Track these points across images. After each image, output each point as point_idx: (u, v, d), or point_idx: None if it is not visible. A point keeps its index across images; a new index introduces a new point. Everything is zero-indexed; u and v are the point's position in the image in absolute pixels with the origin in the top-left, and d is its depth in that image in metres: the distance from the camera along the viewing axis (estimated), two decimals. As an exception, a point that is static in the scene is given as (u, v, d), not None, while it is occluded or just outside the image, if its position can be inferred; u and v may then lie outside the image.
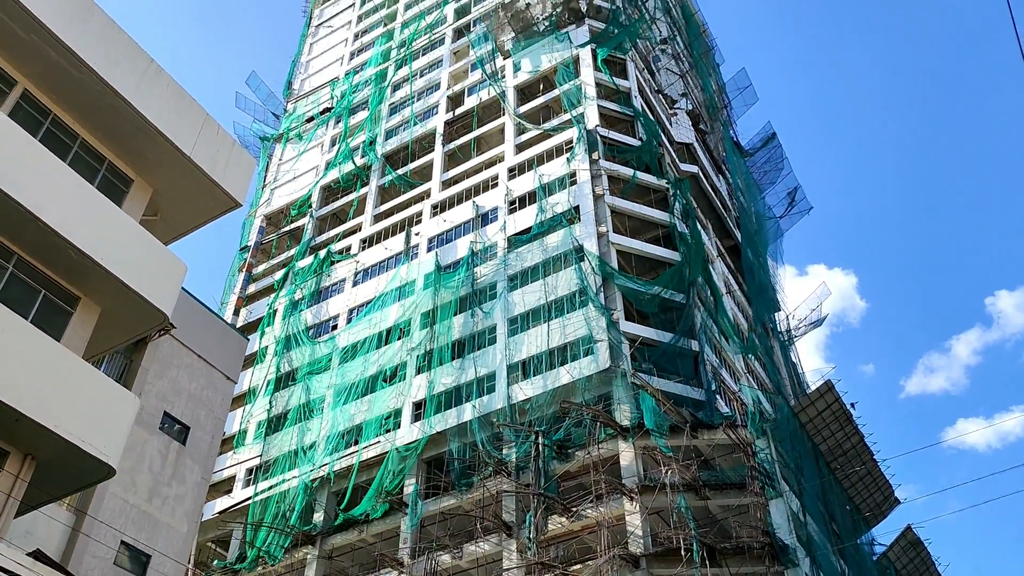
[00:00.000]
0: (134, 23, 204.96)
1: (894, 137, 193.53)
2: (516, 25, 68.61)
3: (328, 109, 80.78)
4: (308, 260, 65.36)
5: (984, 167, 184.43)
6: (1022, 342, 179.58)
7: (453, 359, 50.18)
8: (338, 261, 63.50)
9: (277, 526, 48.89)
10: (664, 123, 64.54)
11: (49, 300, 17.09)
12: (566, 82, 61.75)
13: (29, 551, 16.23)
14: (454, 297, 52.92)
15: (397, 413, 49.98)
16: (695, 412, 42.71)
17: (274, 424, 55.78)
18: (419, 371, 51.05)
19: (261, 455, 54.35)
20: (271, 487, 51.58)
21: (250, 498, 51.81)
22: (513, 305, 50.27)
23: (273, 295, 64.79)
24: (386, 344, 54.10)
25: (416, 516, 44.51)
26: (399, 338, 53.79)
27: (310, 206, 71.77)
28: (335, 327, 58.98)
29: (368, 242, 63.54)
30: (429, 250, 58.00)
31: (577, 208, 52.44)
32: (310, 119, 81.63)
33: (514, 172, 58.68)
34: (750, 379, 54.19)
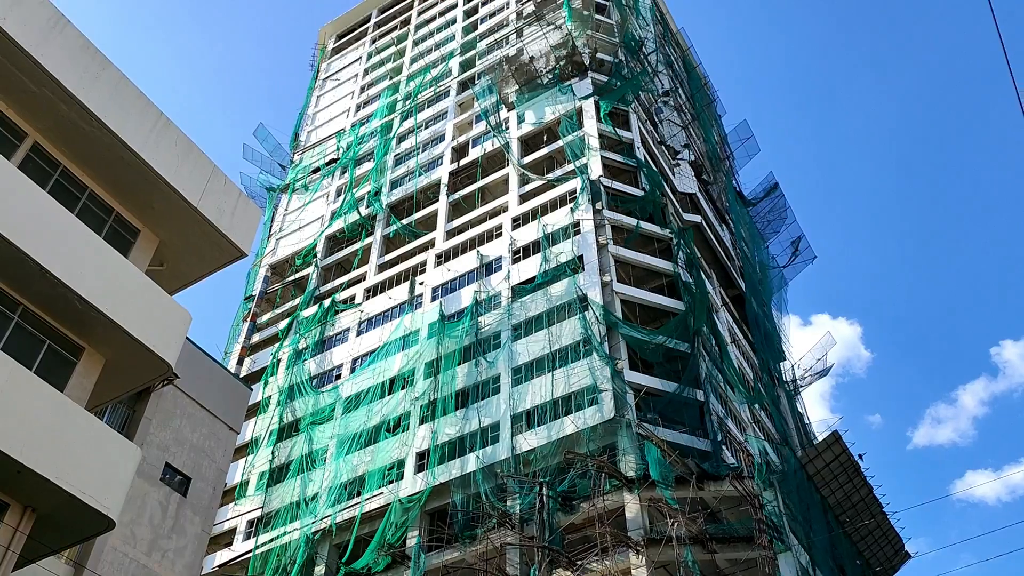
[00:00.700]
0: (144, 76, 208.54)
1: (897, 187, 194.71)
2: (520, 78, 69.62)
3: (334, 160, 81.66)
4: (312, 310, 65.45)
5: (989, 216, 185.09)
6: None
7: (457, 409, 49.90)
8: (342, 311, 63.57)
9: (278, 580, 48.17)
10: (667, 173, 65.06)
11: (53, 350, 17.12)
12: (569, 133, 62.42)
13: (26, 606, 15.99)
14: (458, 347, 52.83)
15: (400, 464, 49.55)
16: (701, 463, 42.26)
17: (276, 475, 55.30)
18: (423, 421, 50.75)
19: (262, 507, 53.78)
20: (272, 539, 50.92)
21: (251, 551, 51.12)
22: (517, 355, 50.13)
23: (277, 345, 64.74)
24: (390, 394, 53.86)
25: (419, 570, 43.80)
26: (403, 388, 53.57)
27: (315, 256, 72.13)
28: (339, 377, 58.80)
29: (372, 292, 63.69)
30: (433, 300, 58.08)
31: (581, 258, 52.60)
32: (316, 170, 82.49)
33: (518, 222, 59.02)
34: (756, 429, 53.73)
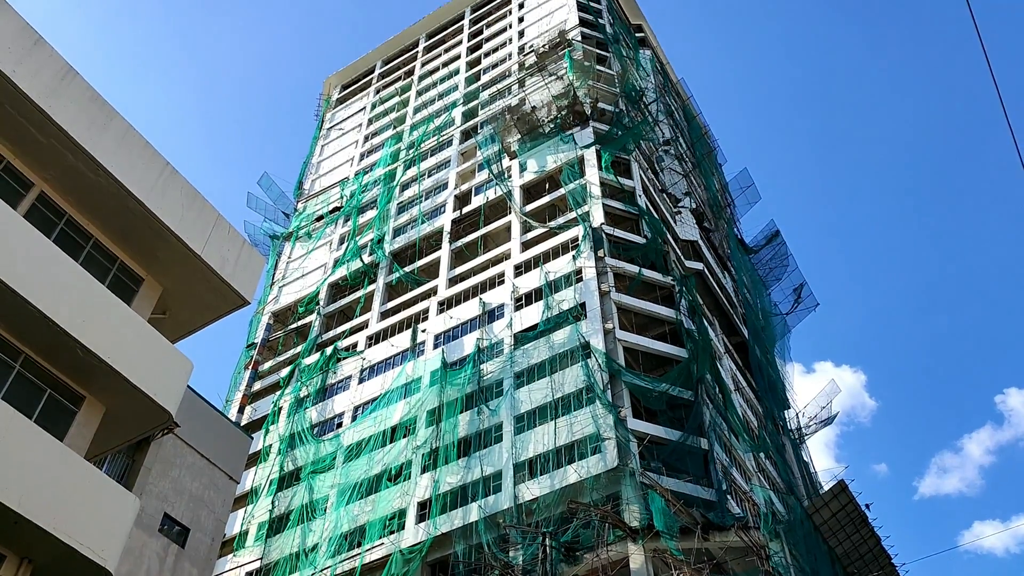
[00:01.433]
0: (151, 125, 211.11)
1: (900, 235, 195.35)
2: (522, 127, 70.39)
3: (337, 208, 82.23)
4: (314, 357, 65.28)
5: (992, 264, 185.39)
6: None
7: (459, 458, 49.46)
8: (344, 358, 63.41)
9: (276, 633, 47.28)
10: (668, 221, 65.37)
11: (54, 399, 17.05)
12: (571, 182, 62.86)
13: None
14: (460, 394, 52.56)
15: (401, 514, 48.96)
16: (706, 513, 41.71)
17: (276, 525, 54.62)
18: (424, 470, 50.28)
19: (262, 558, 53.00)
20: (271, 591, 50.11)
21: (249, 603, 50.29)
22: (520, 402, 49.84)
23: (278, 392, 64.47)
24: (391, 442, 53.45)
25: (420, 622, 43.05)
26: (404, 436, 53.17)
27: (318, 303, 72.20)
28: (340, 425, 58.42)
29: (374, 339, 63.60)
30: (435, 347, 57.95)
31: (583, 305, 52.60)
32: (319, 218, 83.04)
33: (520, 269, 59.16)
34: (761, 478, 53.15)
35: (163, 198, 19.23)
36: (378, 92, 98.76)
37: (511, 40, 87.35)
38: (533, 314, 54.53)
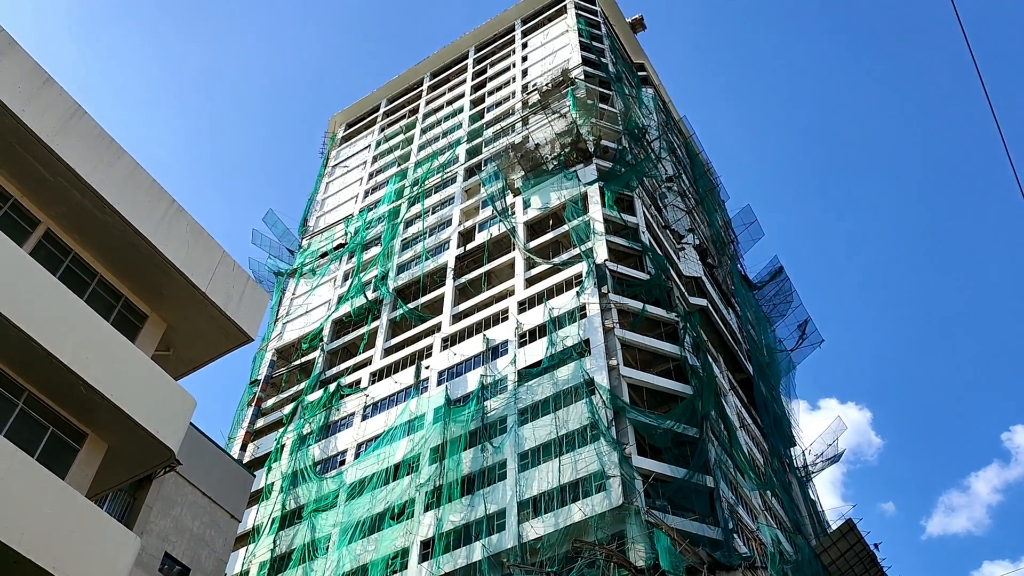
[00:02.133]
0: (158, 161, 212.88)
1: (904, 270, 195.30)
2: (526, 164, 70.84)
3: (342, 245, 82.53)
4: (318, 394, 65.06)
5: (998, 299, 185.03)
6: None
7: (462, 495, 49.03)
8: (348, 395, 63.19)
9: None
10: (672, 257, 65.45)
11: (56, 437, 16.98)
12: (575, 218, 63.08)
13: None
14: (464, 431, 52.24)
15: (404, 553, 48.41)
16: (712, 552, 41.19)
17: (277, 565, 53.99)
18: (427, 508, 49.81)
19: (263, 598, 52.36)
20: (272, 632, 49.40)
21: (249, 644, 49.56)
22: (524, 439, 49.51)
23: (281, 430, 64.16)
24: (394, 480, 53.04)
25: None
26: (408, 474, 52.78)
27: (321, 340, 72.13)
28: (343, 462, 58.04)
29: (378, 375, 63.42)
30: (439, 384, 57.74)
31: (587, 341, 52.47)
32: (324, 254, 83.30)
33: (524, 306, 59.13)
34: (768, 517, 52.57)
35: (168, 235, 19.32)
36: (383, 130, 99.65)
37: (515, 79, 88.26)
38: (537, 350, 54.39)
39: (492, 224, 70.04)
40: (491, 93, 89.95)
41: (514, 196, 70.75)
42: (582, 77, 78.20)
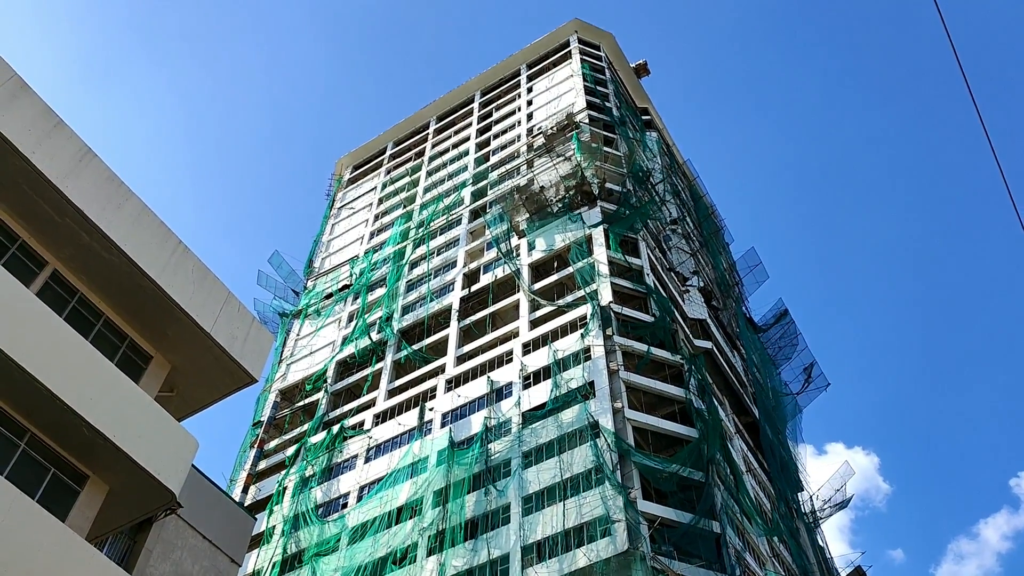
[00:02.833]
0: (164, 203, 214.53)
1: (909, 314, 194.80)
2: (531, 207, 71.23)
3: (347, 286, 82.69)
4: (321, 436, 64.70)
5: (1003, 342, 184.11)
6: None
7: (466, 540, 48.45)
8: (351, 437, 62.80)
9: None
10: (677, 300, 65.41)
11: (57, 478, 16.87)
12: (579, 260, 63.21)
13: None
14: (467, 474, 51.79)
15: (406, 598, 47.70)
16: (719, 599, 40.53)
17: (278, 610, 53.24)
18: (430, 552, 49.17)
19: (262, 644, 51.54)
20: None
21: None
22: (528, 483, 49.06)
23: (284, 472, 63.68)
24: (397, 523, 52.46)
25: None
26: (411, 517, 52.22)
27: (325, 381, 71.91)
28: (345, 505, 57.48)
29: (382, 417, 63.10)
30: (443, 426, 57.40)
31: (592, 384, 52.22)
32: (329, 295, 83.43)
33: (528, 348, 59.00)
34: (776, 564, 51.78)
35: (175, 276, 19.39)
36: (389, 172, 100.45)
37: (520, 122, 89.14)
38: (541, 393, 54.13)
39: (497, 266, 70.20)
40: (496, 136, 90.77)
41: (519, 238, 71.02)
42: (586, 121, 78.95)
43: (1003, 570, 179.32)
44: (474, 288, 70.17)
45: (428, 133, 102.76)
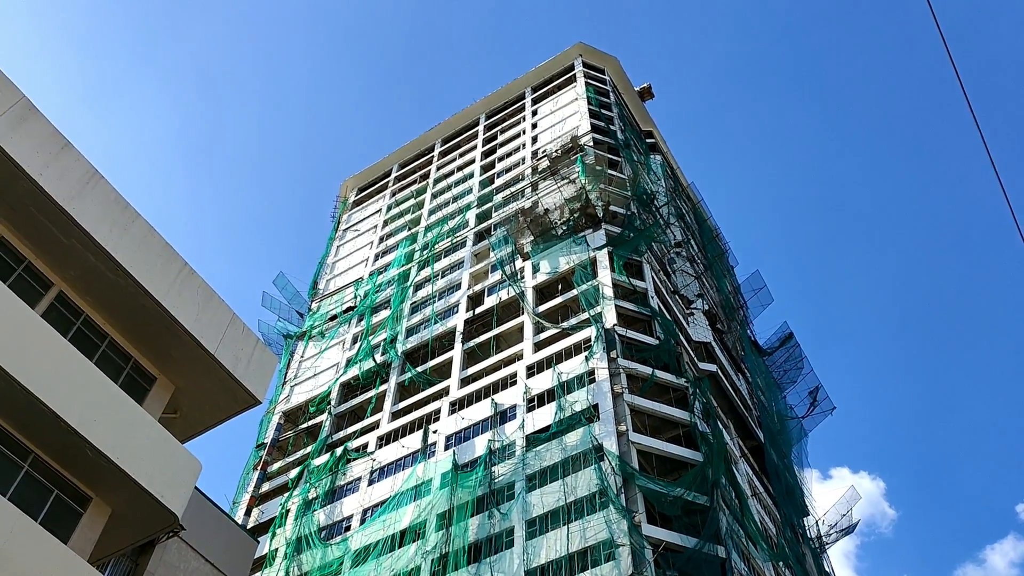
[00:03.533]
0: (170, 224, 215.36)
1: (915, 338, 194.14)
2: (535, 229, 71.38)
3: (351, 308, 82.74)
4: (324, 458, 64.46)
5: (1008, 365, 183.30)
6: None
7: (469, 564, 48.08)
8: (354, 459, 62.57)
9: None
10: (681, 322, 65.31)
11: (60, 500, 16.83)
12: (583, 283, 63.21)
13: None
14: (471, 497, 51.52)
15: (409, 623, 47.30)
16: (725, 625, 40.12)
17: (279, 634, 52.81)
18: (433, 576, 48.82)
19: (263, 669, 51.08)
20: None
21: None
22: (531, 506, 48.77)
23: (287, 494, 63.41)
24: (400, 547, 52.12)
25: None
26: (414, 540, 51.89)
27: (329, 403, 71.78)
28: (348, 528, 57.16)
29: (385, 440, 62.89)
30: (446, 448, 57.19)
31: (596, 406, 52.04)
32: (333, 317, 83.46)
33: (532, 370, 58.88)
34: (782, 589, 51.28)
35: (180, 298, 19.44)
36: (394, 195, 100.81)
37: (524, 145, 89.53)
38: (545, 415, 53.95)
39: (501, 288, 70.24)
40: (501, 159, 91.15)
41: (523, 260, 71.10)
42: (591, 144, 79.29)
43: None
44: (478, 310, 70.15)
45: (433, 156, 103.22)
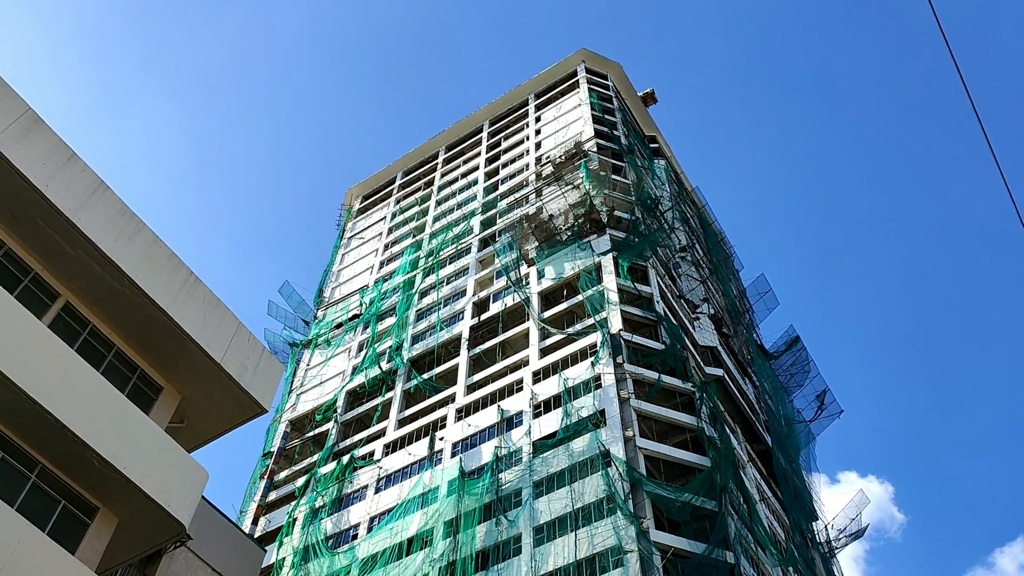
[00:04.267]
0: (175, 233, 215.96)
1: (920, 341, 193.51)
2: (540, 235, 71.35)
3: (357, 315, 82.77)
4: (331, 466, 64.40)
5: (1015, 366, 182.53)
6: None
7: (477, 571, 47.93)
8: (361, 467, 62.49)
9: None
10: (687, 327, 65.17)
11: (68, 510, 16.83)
12: (589, 288, 63.14)
13: None
14: (478, 504, 51.40)
15: (417, 631, 47.17)
16: (734, 631, 39.92)
17: (287, 643, 52.70)
18: (441, 584, 48.66)
19: None
20: None
21: None
22: (539, 513, 48.64)
23: (293, 503, 63.36)
24: (407, 555, 52.01)
25: None
26: (421, 548, 51.77)
27: (335, 411, 71.75)
28: (355, 536, 57.05)
29: (392, 447, 62.82)
30: (453, 455, 57.09)
31: (603, 412, 51.92)
32: (339, 325, 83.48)
33: (539, 376, 58.79)
34: (791, 594, 51.02)
35: (186, 307, 19.46)
36: (398, 202, 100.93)
37: (528, 151, 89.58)
38: (552, 421, 53.84)
39: (506, 294, 70.18)
40: (505, 165, 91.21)
41: (528, 266, 71.08)
42: (595, 149, 79.30)
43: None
44: (484, 317, 70.12)
45: (437, 163, 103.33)
